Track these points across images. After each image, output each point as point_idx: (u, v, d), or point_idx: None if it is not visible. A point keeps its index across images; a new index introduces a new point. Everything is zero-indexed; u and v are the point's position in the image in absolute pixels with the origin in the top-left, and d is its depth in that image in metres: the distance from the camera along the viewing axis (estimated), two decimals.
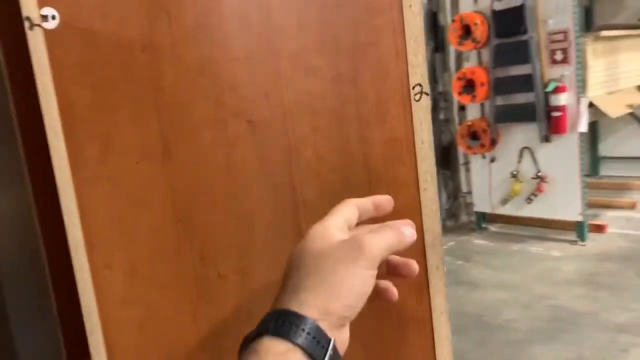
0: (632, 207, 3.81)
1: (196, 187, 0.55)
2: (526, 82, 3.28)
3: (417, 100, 0.53)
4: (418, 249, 0.55)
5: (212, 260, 0.56)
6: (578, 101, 3.21)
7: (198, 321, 0.57)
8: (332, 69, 0.54)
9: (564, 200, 3.34)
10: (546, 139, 3.35)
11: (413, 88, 0.53)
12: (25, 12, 0.50)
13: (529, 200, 3.52)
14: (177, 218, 0.55)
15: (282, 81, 0.54)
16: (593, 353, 2.27)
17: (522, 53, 3.26)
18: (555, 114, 3.27)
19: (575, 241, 3.38)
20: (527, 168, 3.50)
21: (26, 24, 0.51)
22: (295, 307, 0.40)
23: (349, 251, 0.42)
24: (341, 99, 0.54)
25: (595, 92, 3.32)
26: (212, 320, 0.57)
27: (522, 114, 3.37)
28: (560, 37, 3.21)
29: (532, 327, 2.51)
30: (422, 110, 0.53)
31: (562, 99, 3.23)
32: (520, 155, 3.52)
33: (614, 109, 3.34)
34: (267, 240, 0.56)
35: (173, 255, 0.56)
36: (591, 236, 3.43)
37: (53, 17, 0.51)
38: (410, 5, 0.52)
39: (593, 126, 4.48)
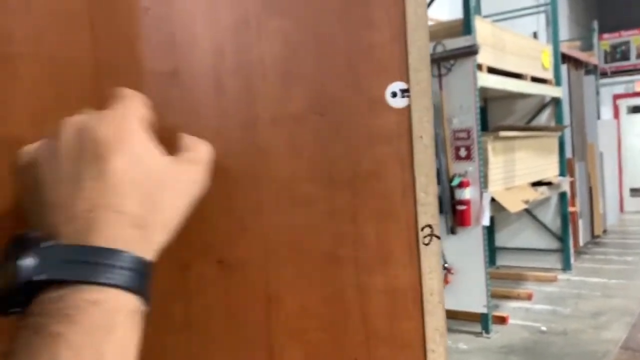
0: (528, 298, 3.97)
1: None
2: None
3: (426, 244, 0.44)
4: None
5: None
6: (481, 195, 3.37)
7: None
8: (327, 201, 0.44)
9: (469, 292, 3.40)
10: (452, 231, 3.45)
11: (422, 229, 0.44)
12: None
13: None
14: None
15: (264, 214, 0.44)
16: None
17: None
18: (460, 207, 3.39)
19: (480, 333, 3.42)
20: None
21: None
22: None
23: None
24: (336, 238, 0.44)
25: (495, 187, 3.51)
26: None
27: None
28: (464, 134, 3.39)
29: None
30: (432, 256, 0.44)
31: (467, 193, 3.37)
32: None
33: (513, 204, 3.53)
34: None
35: None
36: (494, 327, 3.49)
37: None
38: (421, 136, 0.45)
39: (490, 218, 4.72)
